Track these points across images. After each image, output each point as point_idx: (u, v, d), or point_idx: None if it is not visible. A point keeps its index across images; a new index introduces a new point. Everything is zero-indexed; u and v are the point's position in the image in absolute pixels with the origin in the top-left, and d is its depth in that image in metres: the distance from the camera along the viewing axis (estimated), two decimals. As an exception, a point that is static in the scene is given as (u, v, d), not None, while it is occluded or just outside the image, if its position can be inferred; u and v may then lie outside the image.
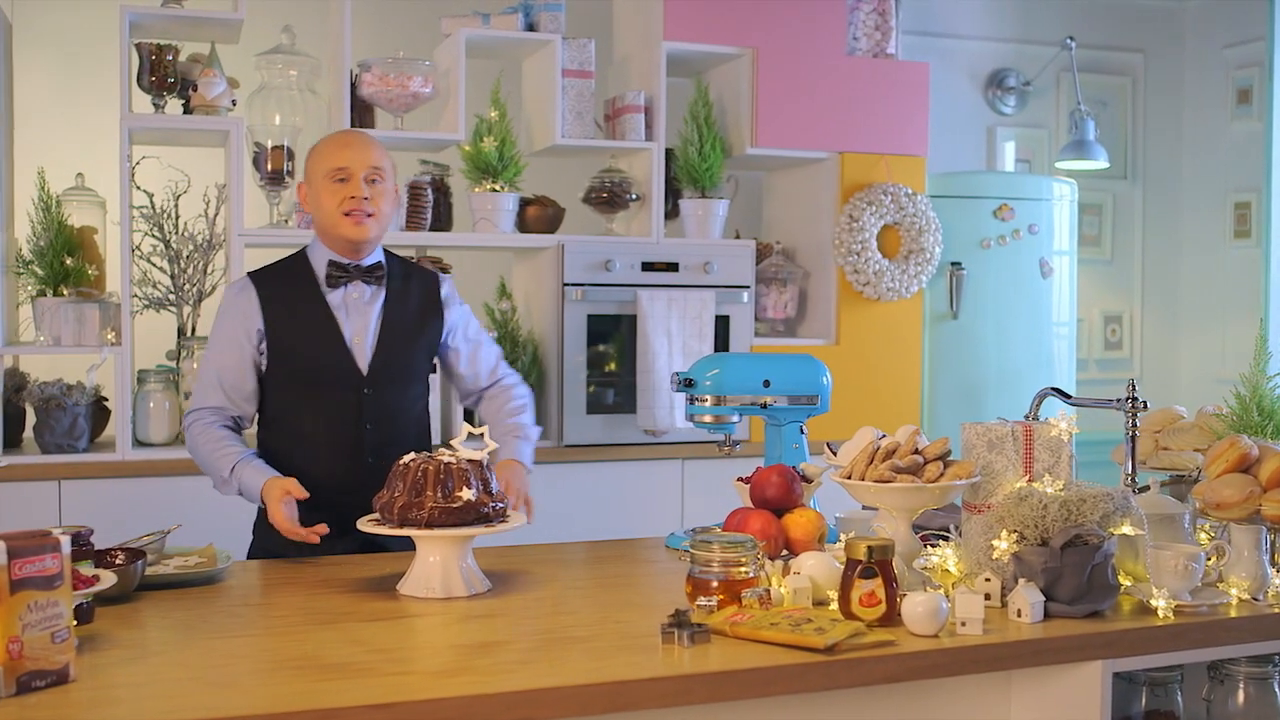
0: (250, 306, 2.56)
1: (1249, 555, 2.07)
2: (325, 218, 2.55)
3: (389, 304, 2.61)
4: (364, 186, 2.53)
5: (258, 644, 1.79)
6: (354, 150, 2.56)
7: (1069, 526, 1.92)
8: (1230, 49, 5.24)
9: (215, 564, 2.24)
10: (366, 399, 2.55)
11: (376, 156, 2.57)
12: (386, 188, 2.58)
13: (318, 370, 2.55)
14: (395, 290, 2.63)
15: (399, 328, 2.61)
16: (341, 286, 2.58)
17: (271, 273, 2.64)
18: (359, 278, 2.58)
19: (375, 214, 2.55)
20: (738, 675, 1.66)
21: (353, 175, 2.53)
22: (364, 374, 2.56)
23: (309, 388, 2.56)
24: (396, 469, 2.11)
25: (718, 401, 2.52)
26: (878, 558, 1.87)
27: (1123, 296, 5.41)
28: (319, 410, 2.56)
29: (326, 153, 2.58)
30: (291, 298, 2.58)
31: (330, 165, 2.54)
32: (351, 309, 2.58)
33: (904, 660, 1.76)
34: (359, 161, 2.54)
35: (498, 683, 1.59)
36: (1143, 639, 1.90)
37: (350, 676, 1.62)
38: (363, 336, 2.58)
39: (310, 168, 2.60)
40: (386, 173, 2.58)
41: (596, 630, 1.87)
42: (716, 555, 1.96)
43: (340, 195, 2.53)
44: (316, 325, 2.56)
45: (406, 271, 2.70)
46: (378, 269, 2.61)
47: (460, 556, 2.09)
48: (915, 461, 2.05)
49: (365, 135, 2.64)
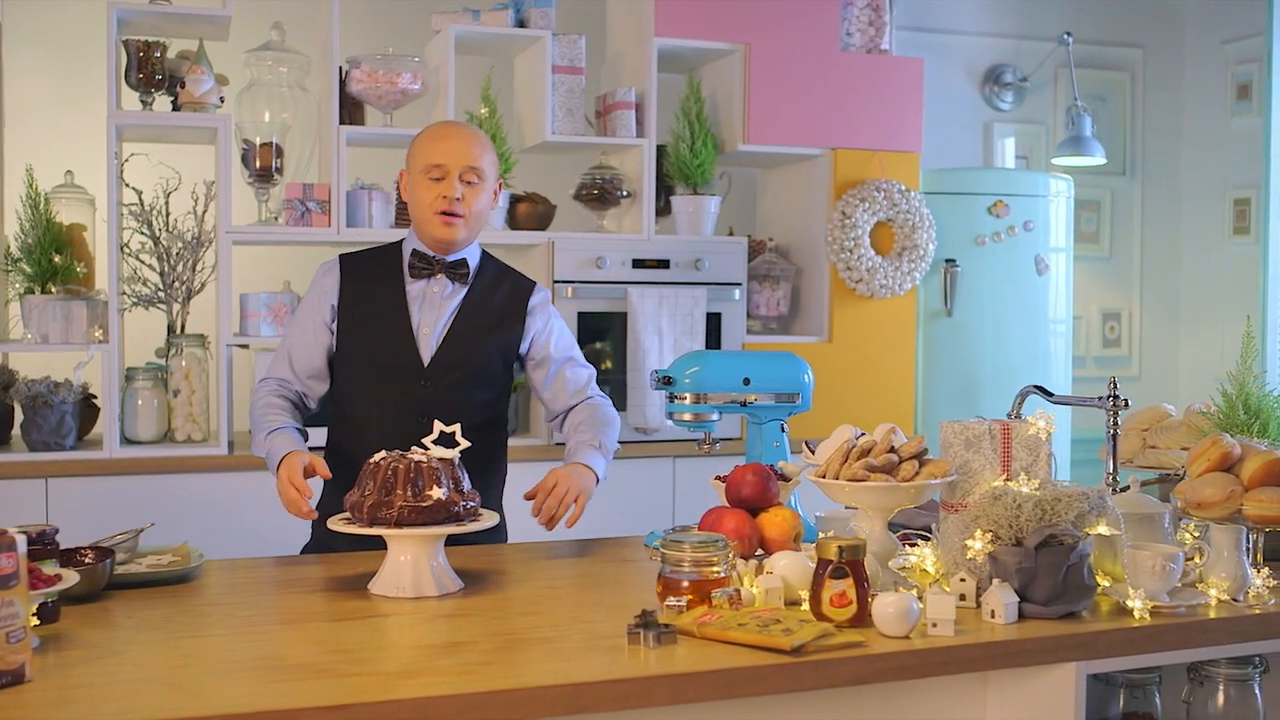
0: (331, 285, 2.55)
1: (1229, 555, 2.04)
2: (418, 212, 2.51)
3: (468, 301, 2.56)
4: (458, 186, 2.46)
5: (220, 644, 1.77)
6: (452, 145, 2.48)
7: (1043, 526, 1.89)
8: (1229, 44, 5.21)
9: (189, 562, 2.23)
10: (424, 391, 2.49)
11: (475, 155, 2.49)
12: (484, 188, 2.51)
13: (378, 356, 2.52)
14: (480, 289, 2.58)
15: (472, 325, 2.55)
16: (424, 279, 2.54)
17: (361, 257, 2.62)
18: (442, 272, 2.54)
19: (466, 215, 2.48)
20: (701, 677, 1.64)
21: (448, 173, 2.46)
22: (424, 365, 2.51)
23: (370, 374, 2.53)
24: (367, 467, 2.10)
25: (697, 399, 2.49)
26: (848, 558, 1.85)
27: (1121, 294, 5.37)
28: (378, 398, 2.52)
29: (425, 145, 2.51)
30: (372, 282, 2.55)
31: (427, 160, 2.48)
32: (428, 301, 2.54)
33: (872, 662, 1.74)
34: (456, 160, 2.47)
35: (456, 684, 1.57)
36: (1118, 641, 1.88)
37: (308, 677, 1.60)
38: (432, 329, 2.53)
39: (410, 157, 2.54)
40: (485, 172, 2.50)
41: (563, 631, 1.85)
42: (687, 555, 1.94)
43: (434, 193, 2.47)
44: (388, 312, 2.53)
45: (500, 274, 2.64)
46: (462, 266, 2.55)
47: (431, 556, 2.07)
48: (890, 460, 2.03)
49: (468, 130, 2.55)
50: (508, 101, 4.23)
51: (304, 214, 3.75)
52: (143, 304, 3.82)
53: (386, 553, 2.09)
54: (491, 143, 2.57)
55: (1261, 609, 2.00)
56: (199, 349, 3.76)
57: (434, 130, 2.55)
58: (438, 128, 2.57)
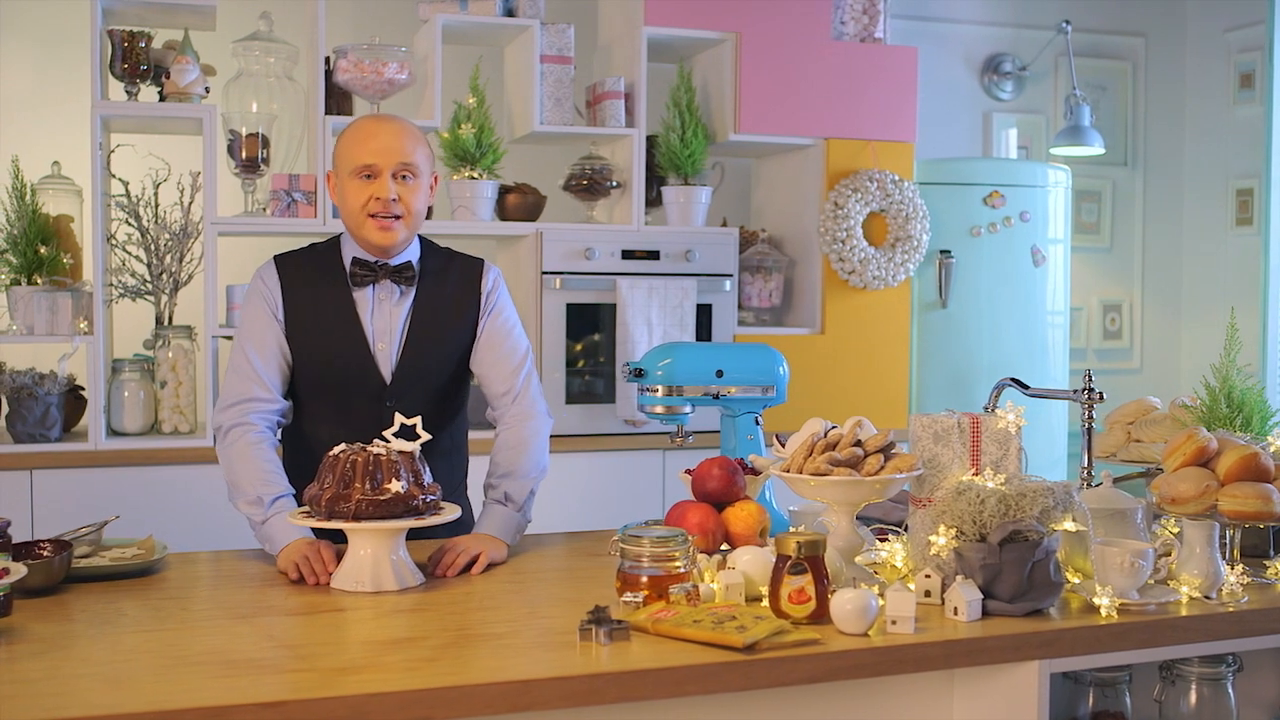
0: (274, 288, 2.38)
1: (1201, 552, 2.00)
2: (350, 218, 2.34)
3: (420, 302, 2.40)
4: (391, 186, 2.30)
5: (168, 638, 1.75)
6: (382, 142, 2.31)
7: (1006, 522, 1.86)
8: (1232, 32, 5.13)
9: (154, 555, 2.21)
10: (390, 411, 2.25)
11: (408, 150, 2.32)
12: (420, 184, 2.35)
13: (336, 373, 2.37)
14: (428, 287, 2.42)
15: (429, 330, 2.40)
16: (369, 286, 2.38)
17: (298, 258, 2.44)
18: (386, 277, 2.38)
19: (404, 215, 2.32)
20: (650, 674, 1.62)
21: (380, 173, 2.30)
22: (387, 384, 2.38)
23: (328, 393, 2.39)
24: (327, 460, 2.07)
25: (669, 392, 2.46)
26: (807, 554, 1.82)
27: (1122, 285, 5.31)
28: (340, 422, 2.35)
29: (353, 145, 2.33)
30: (314, 286, 2.38)
31: (356, 161, 2.31)
32: (378, 310, 2.38)
33: (827, 660, 1.71)
34: (388, 158, 2.30)
35: (398, 680, 1.55)
36: (1083, 639, 1.84)
37: (250, 673, 1.58)
38: (388, 343, 2.38)
39: (337, 158, 2.37)
40: (419, 167, 2.34)
41: (518, 626, 1.82)
42: (646, 550, 1.91)
43: (366, 194, 2.30)
44: (337, 321, 2.37)
45: (445, 264, 2.47)
46: (407, 269, 2.39)
47: (391, 550, 2.05)
48: (855, 454, 1.99)
49: (397, 124, 2.35)
50: (498, 92, 4.20)
51: (290, 205, 3.73)
52: (130, 295, 3.81)
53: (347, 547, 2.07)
54: (423, 134, 2.40)
55: (1235, 607, 1.97)
56: (186, 340, 3.75)
57: (361, 127, 2.36)
58: (364, 124, 2.37)
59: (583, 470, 3.89)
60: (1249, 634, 1.95)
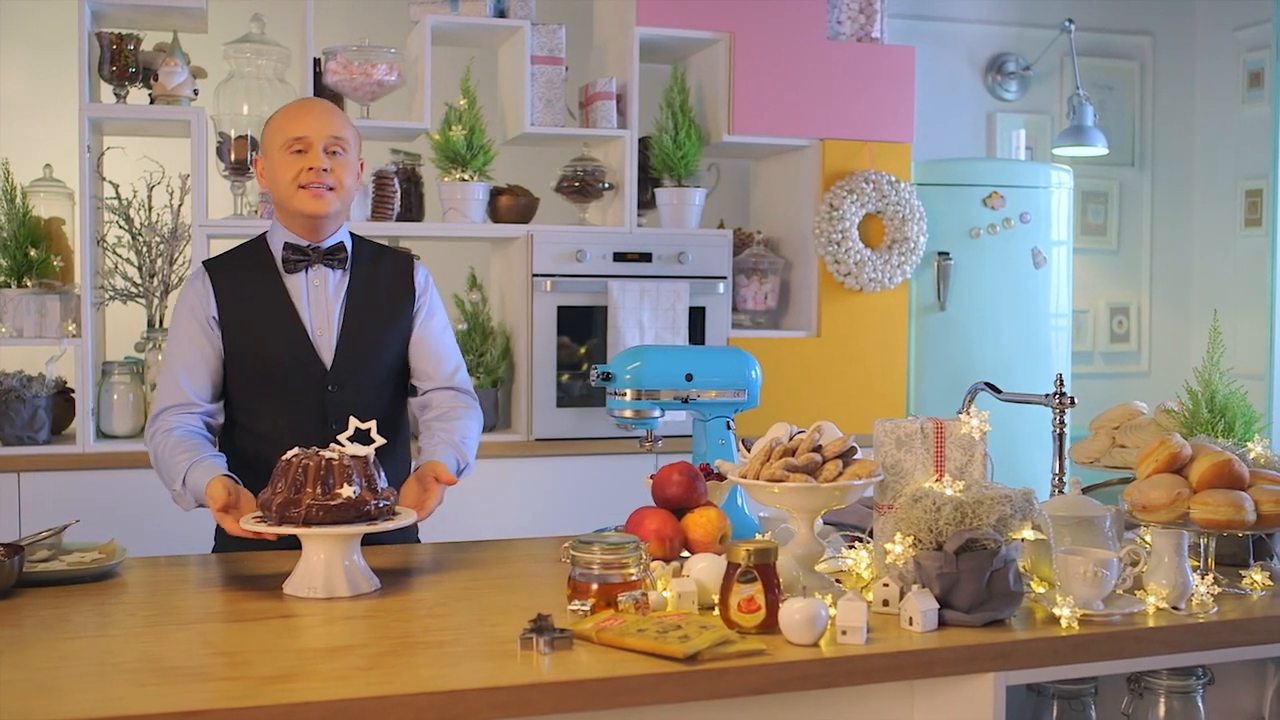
0: (205, 294, 2.40)
1: (1169, 561, 1.95)
2: (281, 191, 2.37)
3: (354, 287, 2.43)
4: (323, 158, 2.34)
5: (106, 645, 1.73)
6: (312, 118, 2.37)
7: (962, 530, 1.82)
8: (1241, 30, 5.05)
9: (113, 560, 2.20)
10: (332, 397, 2.37)
11: (338, 125, 2.38)
12: (349, 159, 2.40)
13: (277, 365, 2.38)
14: (362, 274, 2.45)
15: (366, 315, 2.43)
16: (301, 271, 2.40)
17: (227, 259, 2.48)
18: (319, 261, 2.41)
19: (336, 187, 2.36)
20: (585, 685, 1.58)
21: (311, 145, 2.34)
22: (328, 369, 2.40)
23: (269, 385, 2.40)
24: (280, 465, 2.05)
25: (638, 395, 2.43)
26: (757, 561, 1.78)
27: (1130, 288, 5.24)
28: (280, 410, 2.39)
29: (283, 122, 2.39)
30: (248, 285, 2.41)
31: (287, 135, 2.35)
32: (313, 297, 2.41)
33: (771, 671, 1.67)
34: (318, 131, 2.35)
35: (325, 689, 1.52)
36: (1040, 650, 1.80)
37: (177, 681, 1.56)
38: (326, 328, 2.40)
39: (266, 139, 2.41)
40: (349, 144, 2.39)
41: (462, 634, 1.79)
42: (597, 557, 1.88)
43: (297, 167, 2.34)
44: (274, 314, 2.39)
45: (376, 254, 2.51)
46: (339, 250, 2.43)
47: (344, 555, 2.02)
48: (813, 460, 1.95)
49: (325, 103, 2.45)
50: (492, 93, 4.18)
51: (279, 207, 3.71)
52: (121, 298, 3.81)
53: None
54: (351, 121, 2.46)
55: (1204, 618, 1.91)
56: (175, 343, 3.74)
57: (290, 106, 2.44)
58: (294, 104, 2.47)
59: (573, 473, 3.86)
60: (1216, 646, 1.90)
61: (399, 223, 3.87)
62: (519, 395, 3.95)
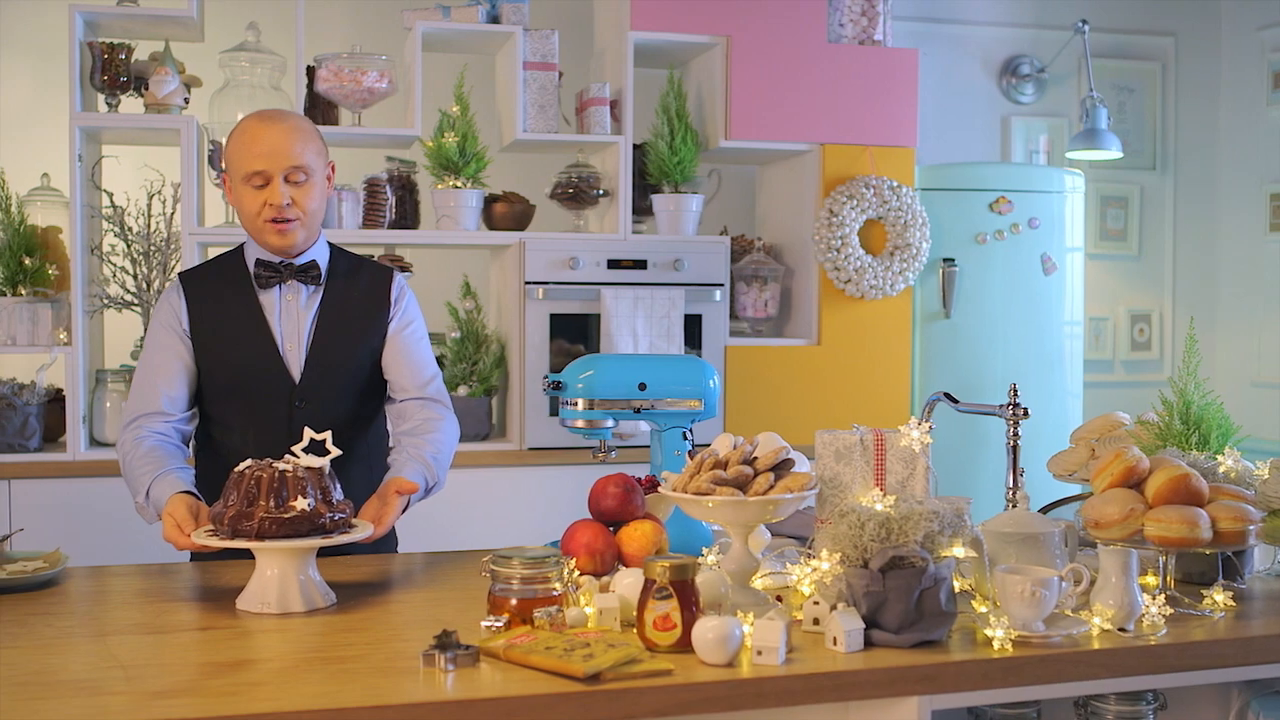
0: (178, 306, 2.39)
1: (1117, 581, 1.86)
2: (248, 223, 2.36)
3: (327, 302, 2.42)
4: (284, 191, 2.30)
5: (9, 657, 1.71)
6: (267, 145, 2.28)
7: (886, 547, 1.75)
8: (1266, 30, 4.90)
9: (57, 568, 2.19)
10: (300, 412, 2.36)
11: (296, 152, 2.30)
12: (314, 183, 2.34)
13: (246, 377, 2.38)
14: (336, 289, 2.43)
15: (336, 329, 2.41)
16: (275, 287, 2.40)
17: (202, 271, 2.48)
18: (291, 277, 2.40)
19: (300, 218, 2.33)
20: (476, 705, 1.54)
21: (270, 179, 2.30)
22: (296, 383, 2.39)
23: (238, 398, 2.40)
24: (232, 477, 2.01)
25: (590, 405, 2.38)
26: (673, 578, 1.73)
27: (1152, 294, 5.10)
28: (249, 424, 2.39)
29: (240, 151, 2.31)
30: (221, 297, 2.40)
31: (245, 169, 2.30)
32: (285, 312, 2.40)
33: (676, 692, 1.61)
34: (276, 162, 2.29)
35: (205, 707, 1.48)
36: (969, 673, 1.72)
37: (63, 695, 1.53)
38: (296, 342, 2.39)
39: (228, 162, 2.35)
40: (312, 167, 2.33)
41: (374, 649, 1.75)
42: (516, 572, 1.84)
43: (260, 201, 2.31)
44: (244, 328, 2.38)
45: (354, 268, 2.48)
46: (313, 268, 2.40)
47: (299, 569, 1.97)
48: (742, 473, 1.89)
49: (282, 124, 2.32)
50: (489, 100, 4.15)
51: (269, 215, 3.71)
52: (114, 306, 3.83)
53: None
54: (314, 129, 2.38)
55: (1155, 640, 1.83)
56: (168, 351, 3.75)
57: (246, 129, 2.32)
58: (250, 126, 2.32)
59: (565, 483, 3.81)
60: (1163, 670, 1.81)
61: (391, 230, 3.86)
62: (511, 405, 3.92)
